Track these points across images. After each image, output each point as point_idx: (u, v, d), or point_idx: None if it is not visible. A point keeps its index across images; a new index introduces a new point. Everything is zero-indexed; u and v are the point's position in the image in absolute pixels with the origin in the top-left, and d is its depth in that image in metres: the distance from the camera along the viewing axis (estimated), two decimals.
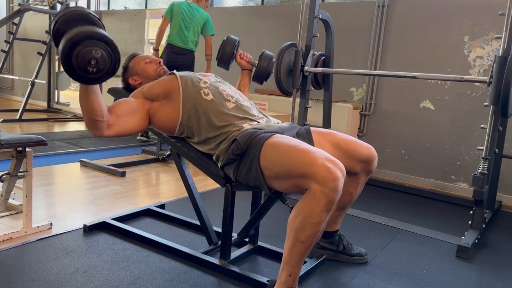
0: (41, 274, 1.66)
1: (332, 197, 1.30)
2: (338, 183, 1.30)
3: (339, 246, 1.96)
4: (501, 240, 2.47)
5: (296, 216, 1.37)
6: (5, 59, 6.25)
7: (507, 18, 2.26)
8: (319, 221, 1.33)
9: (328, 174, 1.29)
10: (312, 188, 1.32)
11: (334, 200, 1.31)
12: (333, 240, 1.96)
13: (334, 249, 1.96)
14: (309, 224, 1.34)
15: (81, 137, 4.61)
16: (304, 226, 1.34)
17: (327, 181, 1.29)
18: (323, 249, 1.97)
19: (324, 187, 1.29)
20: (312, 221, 1.33)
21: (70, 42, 1.25)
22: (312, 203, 1.32)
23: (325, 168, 1.30)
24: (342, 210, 1.90)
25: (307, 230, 1.35)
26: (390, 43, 3.73)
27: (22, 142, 1.93)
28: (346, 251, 1.97)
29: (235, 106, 1.70)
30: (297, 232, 1.36)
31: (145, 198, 2.77)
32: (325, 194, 1.30)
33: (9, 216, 2.24)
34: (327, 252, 1.97)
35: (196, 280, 1.72)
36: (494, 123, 2.32)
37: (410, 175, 3.65)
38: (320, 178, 1.30)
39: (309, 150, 1.38)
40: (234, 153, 1.53)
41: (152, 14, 5.62)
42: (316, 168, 1.31)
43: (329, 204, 1.31)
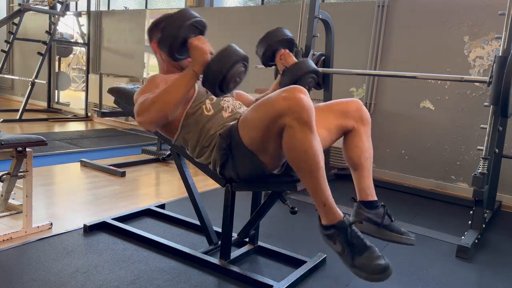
0: (41, 274, 1.67)
1: (303, 116, 1.32)
2: (302, 102, 1.32)
3: (384, 220, 1.70)
4: (501, 240, 2.47)
5: (289, 154, 1.38)
6: (5, 59, 6.25)
7: (507, 18, 2.26)
8: (310, 144, 1.34)
9: (288, 101, 1.32)
10: (286, 122, 1.34)
11: (307, 118, 1.32)
12: (378, 211, 1.71)
13: (379, 222, 1.70)
14: (304, 152, 1.34)
15: (81, 137, 4.61)
16: (302, 156, 1.35)
17: (290, 106, 1.32)
18: (368, 221, 1.69)
19: (291, 113, 1.32)
20: (305, 147, 1.34)
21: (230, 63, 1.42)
22: (291, 133, 1.34)
23: (282, 98, 1.34)
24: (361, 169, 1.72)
25: (305, 159, 1.35)
26: (390, 43, 3.73)
27: (22, 142, 1.93)
28: (394, 228, 1.71)
29: (230, 115, 1.69)
30: (302, 165, 1.37)
31: (145, 198, 2.77)
32: (296, 118, 1.32)
33: (9, 216, 2.24)
34: (370, 227, 1.70)
35: (196, 280, 1.72)
36: (494, 123, 2.32)
37: (410, 175, 3.65)
38: (286, 110, 1.32)
39: (266, 98, 1.41)
40: (221, 148, 1.55)
41: (152, 14, 5.62)
42: (276, 103, 1.35)
43: (306, 125, 1.33)
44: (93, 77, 5.88)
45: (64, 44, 6.80)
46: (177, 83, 1.48)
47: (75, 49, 7.92)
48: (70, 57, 8.29)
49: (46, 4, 5.93)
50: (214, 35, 4.87)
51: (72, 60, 9.14)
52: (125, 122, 5.65)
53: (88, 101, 6.03)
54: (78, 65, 9.64)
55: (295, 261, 1.92)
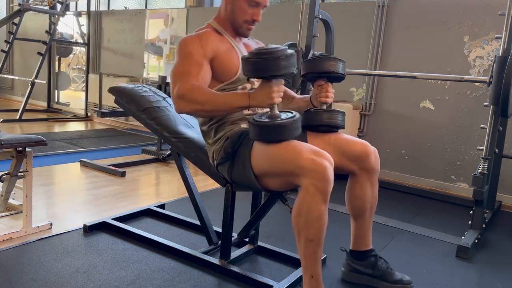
0: (41, 274, 1.66)
1: (324, 187, 1.32)
2: (326, 173, 1.31)
3: (375, 270, 1.71)
4: (501, 240, 2.47)
5: (297, 216, 1.37)
6: (5, 59, 6.25)
7: (507, 18, 2.26)
8: (319, 214, 1.34)
9: (315, 166, 1.31)
10: (303, 183, 1.33)
11: (326, 190, 1.33)
12: (368, 262, 1.72)
13: (370, 273, 1.72)
14: (312, 220, 1.34)
15: (81, 137, 4.61)
16: (308, 223, 1.35)
17: (315, 173, 1.31)
18: (358, 273, 1.74)
19: (313, 179, 1.31)
20: (314, 215, 1.34)
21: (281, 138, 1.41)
22: (307, 199, 1.33)
23: (311, 161, 1.32)
24: (361, 219, 1.70)
25: (312, 227, 1.35)
26: (390, 43, 3.73)
27: (22, 142, 1.93)
28: (386, 277, 1.70)
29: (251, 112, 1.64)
30: (304, 231, 1.37)
31: (145, 198, 2.77)
32: (317, 186, 1.31)
33: (9, 216, 2.24)
34: (362, 277, 1.74)
35: (196, 280, 1.72)
36: (494, 123, 2.32)
37: (410, 175, 3.65)
38: (308, 172, 1.31)
39: (295, 146, 1.38)
40: (225, 152, 1.54)
41: (152, 14, 5.62)
42: (302, 162, 1.33)
43: (323, 195, 1.33)
44: (93, 77, 5.88)
45: (64, 44, 6.80)
46: (227, 102, 1.44)
47: (75, 49, 7.92)
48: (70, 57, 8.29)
49: (46, 4, 5.93)
50: None
51: (72, 60, 9.14)
52: (125, 122, 5.64)
53: (88, 101, 6.03)
54: (78, 65, 9.64)
55: (295, 261, 1.92)
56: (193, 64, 1.53)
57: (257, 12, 1.62)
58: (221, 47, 1.61)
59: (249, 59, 1.37)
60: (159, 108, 1.94)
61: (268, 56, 1.34)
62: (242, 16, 1.62)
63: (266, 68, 1.35)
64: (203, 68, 1.54)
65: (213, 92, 1.50)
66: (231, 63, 1.62)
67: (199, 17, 5.11)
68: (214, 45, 1.59)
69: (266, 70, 1.36)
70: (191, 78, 1.49)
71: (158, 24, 5.55)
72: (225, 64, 1.61)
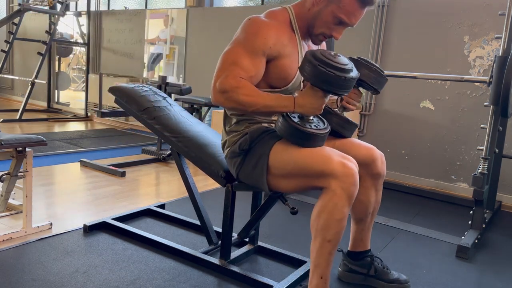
0: (41, 274, 1.66)
1: (352, 191, 1.34)
2: (355, 177, 1.34)
3: (370, 270, 1.73)
4: (501, 240, 2.47)
5: (319, 215, 1.37)
6: (5, 59, 6.25)
7: (507, 18, 2.26)
8: (342, 217, 1.35)
9: (346, 170, 1.33)
10: (331, 185, 1.34)
11: (354, 194, 1.35)
12: (364, 262, 1.74)
13: (365, 273, 1.74)
14: (334, 221, 1.35)
15: (81, 137, 4.61)
16: (329, 224, 1.36)
17: (345, 176, 1.32)
18: (353, 273, 1.77)
19: (343, 182, 1.32)
20: (336, 217, 1.35)
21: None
22: (334, 200, 1.34)
23: (342, 164, 1.33)
24: (362, 223, 1.71)
25: (333, 228, 1.36)
26: (390, 43, 3.73)
27: (22, 142, 1.93)
28: (380, 276, 1.72)
29: None
30: (324, 232, 1.37)
31: (145, 198, 2.77)
32: (345, 189, 1.33)
33: (9, 216, 2.24)
34: (356, 276, 1.76)
35: (196, 280, 1.72)
36: (494, 123, 2.32)
37: (410, 175, 3.65)
38: (339, 174, 1.32)
39: (323, 149, 1.39)
40: (240, 148, 1.51)
41: (152, 14, 5.62)
42: (332, 165, 1.33)
43: (349, 199, 1.34)
44: (93, 77, 5.88)
45: (64, 44, 6.80)
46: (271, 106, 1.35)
47: (75, 49, 7.91)
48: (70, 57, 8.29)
49: (46, 4, 5.93)
50: (214, 35, 4.89)
51: (72, 60, 9.14)
52: (125, 122, 5.64)
53: (88, 101, 6.03)
54: (78, 65, 9.63)
55: (295, 261, 1.92)
56: (249, 54, 1.38)
57: (340, 30, 1.51)
58: (287, 48, 1.47)
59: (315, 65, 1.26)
60: (159, 108, 1.94)
61: (337, 72, 1.26)
62: (323, 27, 1.49)
63: (330, 83, 1.26)
64: (259, 63, 1.41)
65: (257, 94, 1.35)
66: (289, 71, 1.49)
67: (199, 17, 5.11)
68: (282, 43, 1.45)
69: (329, 84, 1.27)
70: (241, 71, 1.36)
71: (158, 24, 5.55)
72: (283, 71, 1.48)
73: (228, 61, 1.39)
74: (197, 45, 5.14)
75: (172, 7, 5.72)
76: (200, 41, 5.11)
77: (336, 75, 1.26)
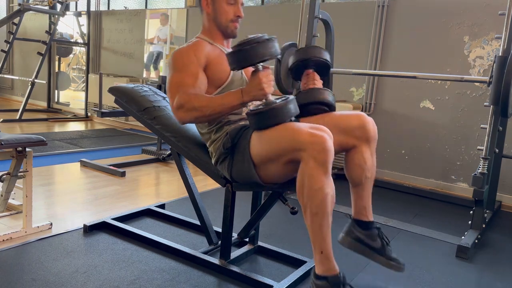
0: (41, 274, 1.66)
1: (323, 158, 1.33)
2: (325, 144, 1.33)
3: (376, 242, 1.67)
4: (501, 240, 2.47)
5: (300, 191, 1.39)
6: (5, 59, 6.25)
7: (507, 18, 2.26)
8: (321, 185, 1.35)
9: (314, 138, 1.34)
10: (303, 157, 1.35)
11: (326, 160, 1.34)
12: (372, 232, 1.68)
13: (370, 244, 1.67)
14: (314, 192, 1.35)
15: (81, 137, 4.61)
16: (310, 196, 1.36)
17: (314, 144, 1.33)
18: (359, 242, 1.69)
19: (313, 151, 1.33)
20: (315, 187, 1.34)
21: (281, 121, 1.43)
22: (307, 171, 1.35)
23: (309, 134, 1.35)
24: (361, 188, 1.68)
25: (314, 199, 1.36)
26: (390, 43, 3.73)
27: (22, 142, 1.93)
28: (385, 252, 1.67)
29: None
30: (308, 205, 1.38)
31: (145, 198, 2.77)
32: (316, 158, 1.33)
33: (9, 216, 2.24)
34: (362, 247, 1.69)
35: (196, 280, 1.72)
36: (494, 123, 2.32)
37: (410, 175, 3.65)
38: (308, 145, 1.34)
39: (292, 125, 1.42)
40: (225, 147, 1.56)
41: (152, 14, 5.62)
42: (301, 137, 1.35)
43: (323, 166, 1.34)
44: (93, 77, 5.88)
45: (64, 44, 6.80)
46: (223, 103, 1.47)
47: (75, 49, 7.92)
48: (70, 57, 8.29)
49: (46, 4, 5.93)
50: None
51: (72, 60, 9.14)
52: (125, 122, 5.65)
53: (88, 101, 6.03)
54: (78, 65, 9.64)
55: (295, 261, 1.92)
56: (188, 74, 1.56)
57: (237, 8, 1.68)
58: (212, 53, 1.65)
59: (230, 53, 1.42)
60: (159, 108, 1.94)
61: (245, 45, 1.38)
62: (225, 16, 1.68)
63: (246, 57, 1.39)
64: (199, 77, 1.57)
65: (209, 97, 1.53)
66: (223, 67, 1.64)
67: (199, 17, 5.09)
68: (206, 53, 1.63)
69: (246, 59, 1.39)
70: (188, 88, 1.53)
71: (158, 24, 5.55)
72: (217, 69, 1.64)
73: (175, 87, 1.55)
74: None
75: (172, 7, 5.72)
76: None
77: (243, 48, 1.38)
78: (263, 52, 1.38)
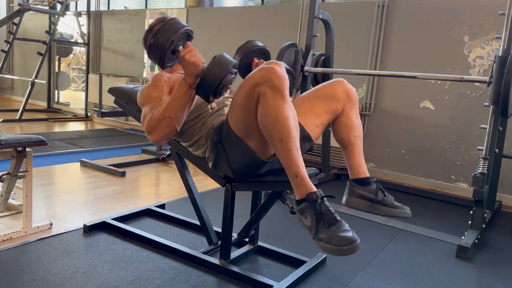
0: (41, 274, 1.67)
1: (277, 84, 1.36)
2: (275, 71, 1.36)
3: (378, 195, 1.71)
4: (501, 240, 2.47)
5: (262, 121, 1.40)
6: (5, 59, 6.25)
7: (507, 18, 2.26)
8: (279, 110, 1.36)
9: (263, 72, 1.38)
10: (260, 91, 1.38)
11: (281, 86, 1.36)
12: (371, 187, 1.71)
13: (373, 198, 1.71)
14: (274, 118, 1.36)
15: (81, 137, 4.61)
16: (272, 123, 1.37)
17: (265, 76, 1.37)
18: (361, 198, 1.71)
19: (266, 81, 1.36)
20: (273, 114, 1.36)
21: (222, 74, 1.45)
22: (265, 101, 1.37)
23: (258, 70, 1.40)
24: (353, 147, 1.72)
25: (275, 126, 1.37)
26: (390, 43, 3.73)
27: (22, 142, 1.93)
28: (387, 202, 1.72)
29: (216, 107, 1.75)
30: (272, 134, 1.39)
31: (145, 198, 2.77)
32: (267, 86, 1.36)
33: (9, 216, 2.24)
34: (364, 202, 1.71)
35: (196, 280, 1.72)
36: (494, 123, 2.32)
37: (410, 175, 3.65)
38: (259, 79, 1.38)
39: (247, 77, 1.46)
40: (213, 141, 1.57)
41: (152, 14, 5.62)
42: (253, 76, 1.41)
43: (279, 92, 1.36)
44: (93, 77, 5.88)
45: (64, 44, 6.80)
46: (175, 97, 1.52)
47: (75, 49, 7.92)
48: (70, 57, 8.29)
49: (46, 4, 5.93)
50: (214, 35, 4.88)
51: (72, 60, 9.14)
52: (125, 122, 5.65)
53: (88, 101, 6.03)
54: (78, 65, 9.64)
55: (295, 261, 1.92)
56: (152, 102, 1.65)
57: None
58: (172, 78, 1.75)
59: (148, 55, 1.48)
60: None
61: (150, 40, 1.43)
62: None
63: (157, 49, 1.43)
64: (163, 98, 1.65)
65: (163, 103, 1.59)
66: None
67: (199, 17, 5.11)
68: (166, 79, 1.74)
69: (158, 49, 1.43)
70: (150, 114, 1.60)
71: None
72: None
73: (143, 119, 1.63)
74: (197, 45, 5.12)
75: (172, 7, 5.72)
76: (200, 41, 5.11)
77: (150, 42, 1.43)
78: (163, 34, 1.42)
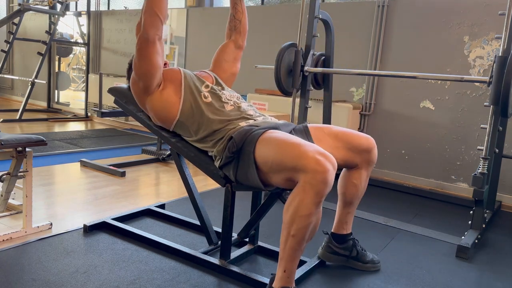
0: (41, 274, 1.67)
1: (320, 188, 1.31)
2: (327, 175, 1.30)
3: (352, 252, 1.87)
4: (501, 240, 2.47)
5: (287, 210, 1.39)
6: (5, 59, 6.25)
7: (507, 18, 2.26)
8: (308, 213, 1.34)
9: (318, 166, 1.30)
10: (301, 180, 1.33)
11: (323, 192, 1.32)
12: (347, 245, 1.87)
13: (347, 255, 1.88)
14: (299, 217, 1.35)
15: (81, 137, 4.61)
16: (294, 219, 1.36)
17: (316, 173, 1.30)
18: (336, 255, 1.89)
19: (313, 179, 1.30)
20: (302, 213, 1.34)
21: None
22: (300, 195, 1.33)
23: (315, 161, 1.31)
24: (351, 206, 1.82)
25: (296, 223, 1.36)
26: (390, 43, 3.73)
27: (22, 142, 1.93)
28: (360, 258, 1.89)
29: (233, 108, 1.72)
30: (288, 226, 1.39)
31: (145, 198, 2.77)
32: (313, 185, 1.30)
33: (9, 216, 2.24)
34: (339, 258, 1.89)
35: (196, 280, 1.72)
36: (494, 123, 2.32)
37: (410, 175, 3.65)
38: (310, 170, 1.31)
39: (300, 144, 1.39)
40: (230, 151, 1.55)
41: None
42: (306, 160, 1.32)
43: (317, 196, 1.32)
44: (93, 77, 5.88)
45: (64, 44, 6.80)
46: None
47: (75, 49, 7.92)
48: (70, 57, 8.29)
49: (46, 4, 5.93)
50: (214, 35, 4.88)
51: (72, 60, 9.14)
52: (125, 122, 5.64)
53: (88, 101, 6.03)
54: (78, 65, 9.64)
55: None
56: None
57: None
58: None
59: None
60: None
61: None
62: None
63: None
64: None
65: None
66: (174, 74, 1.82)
67: (199, 17, 5.11)
68: None
69: None
70: None
71: None
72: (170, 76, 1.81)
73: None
74: (197, 45, 5.14)
75: (172, 7, 5.72)
76: (200, 41, 5.11)
77: None
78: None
